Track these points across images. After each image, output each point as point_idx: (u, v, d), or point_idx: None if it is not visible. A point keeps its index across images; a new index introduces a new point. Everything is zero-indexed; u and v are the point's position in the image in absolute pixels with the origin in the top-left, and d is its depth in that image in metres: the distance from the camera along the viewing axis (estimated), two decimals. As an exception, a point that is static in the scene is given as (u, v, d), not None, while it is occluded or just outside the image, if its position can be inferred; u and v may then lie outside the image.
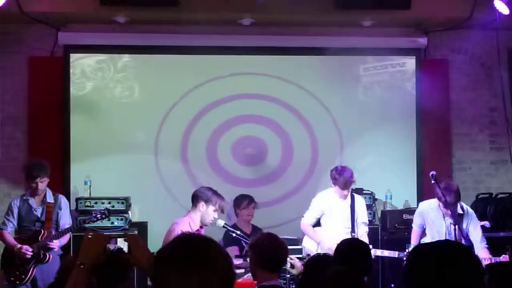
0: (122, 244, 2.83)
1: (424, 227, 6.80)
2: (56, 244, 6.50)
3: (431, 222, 6.66)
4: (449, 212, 6.35)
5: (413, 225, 6.94)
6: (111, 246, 2.83)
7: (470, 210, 6.72)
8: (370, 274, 4.63)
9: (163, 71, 8.26)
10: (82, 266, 2.75)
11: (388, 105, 8.45)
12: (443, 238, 6.41)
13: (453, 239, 6.20)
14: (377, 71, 8.47)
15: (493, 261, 6.13)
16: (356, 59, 8.46)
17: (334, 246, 6.52)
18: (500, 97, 8.07)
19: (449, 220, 6.47)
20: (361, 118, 8.42)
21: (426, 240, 6.71)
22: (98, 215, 6.57)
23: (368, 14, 7.89)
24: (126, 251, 2.80)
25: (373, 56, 8.45)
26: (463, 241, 6.21)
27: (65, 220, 6.79)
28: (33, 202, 6.71)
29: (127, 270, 3.29)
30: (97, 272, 2.89)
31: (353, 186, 7.11)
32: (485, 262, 6.04)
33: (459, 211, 6.51)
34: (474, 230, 6.55)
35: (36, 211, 6.70)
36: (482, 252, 6.36)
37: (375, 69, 8.46)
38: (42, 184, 6.64)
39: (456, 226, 6.22)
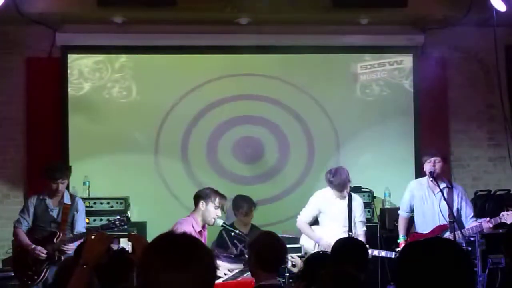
0: (124, 244, 2.83)
1: (412, 210, 6.90)
2: (72, 247, 6.40)
3: (422, 200, 6.75)
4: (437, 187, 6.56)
5: (400, 211, 7.05)
6: (114, 246, 2.83)
7: (458, 186, 6.91)
8: (367, 273, 4.64)
9: (161, 71, 8.25)
10: (85, 266, 2.75)
11: (385, 102, 8.46)
12: (436, 217, 6.61)
13: (444, 214, 6.47)
14: (375, 69, 8.47)
15: (491, 223, 6.36)
16: (354, 57, 8.47)
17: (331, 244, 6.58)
18: (498, 94, 8.08)
19: (439, 195, 6.57)
20: (359, 116, 8.43)
21: (418, 227, 6.84)
22: (117, 222, 6.46)
23: (365, 12, 7.89)
24: (128, 251, 2.81)
25: (371, 54, 8.46)
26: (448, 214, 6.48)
27: (81, 223, 6.73)
28: (50, 202, 6.65)
29: (129, 270, 3.29)
30: (99, 272, 2.89)
31: (351, 185, 7.13)
32: (481, 226, 6.37)
33: (448, 185, 6.71)
34: (464, 207, 6.71)
35: (52, 211, 6.64)
36: (471, 224, 6.57)
37: (373, 67, 8.47)
38: (63, 185, 6.61)
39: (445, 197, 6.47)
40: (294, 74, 8.37)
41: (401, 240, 6.87)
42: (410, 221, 7.00)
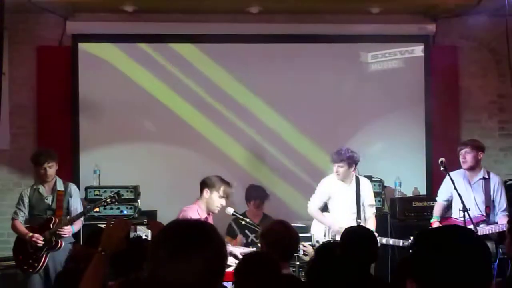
0: (141, 232, 2.82)
1: (447, 200, 6.89)
2: (68, 230, 6.51)
3: (458, 189, 6.59)
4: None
5: (437, 198, 7.05)
6: (131, 234, 2.81)
7: (495, 176, 6.90)
8: (376, 261, 4.65)
9: (171, 59, 8.23)
10: (103, 253, 2.74)
11: (396, 92, 8.43)
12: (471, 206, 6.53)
13: (479, 205, 6.55)
14: (386, 58, 8.44)
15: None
16: (364, 46, 8.42)
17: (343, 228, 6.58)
18: (510, 84, 8.01)
19: (475, 186, 6.68)
20: (369, 105, 8.40)
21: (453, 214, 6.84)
22: (108, 199, 6.57)
23: (376, 1, 7.85)
24: (145, 239, 2.80)
25: (382, 43, 8.42)
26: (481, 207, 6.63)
27: (77, 208, 6.79)
28: (44, 190, 6.72)
29: (145, 258, 3.26)
30: (115, 259, 2.87)
31: (362, 174, 7.11)
32: (502, 227, 6.32)
33: (485, 175, 6.77)
34: (498, 197, 6.75)
35: (46, 199, 6.71)
36: (500, 219, 6.62)
37: (384, 56, 8.44)
38: (51, 169, 6.66)
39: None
40: (304, 63, 8.32)
41: (433, 220, 6.89)
42: (446, 207, 6.99)
